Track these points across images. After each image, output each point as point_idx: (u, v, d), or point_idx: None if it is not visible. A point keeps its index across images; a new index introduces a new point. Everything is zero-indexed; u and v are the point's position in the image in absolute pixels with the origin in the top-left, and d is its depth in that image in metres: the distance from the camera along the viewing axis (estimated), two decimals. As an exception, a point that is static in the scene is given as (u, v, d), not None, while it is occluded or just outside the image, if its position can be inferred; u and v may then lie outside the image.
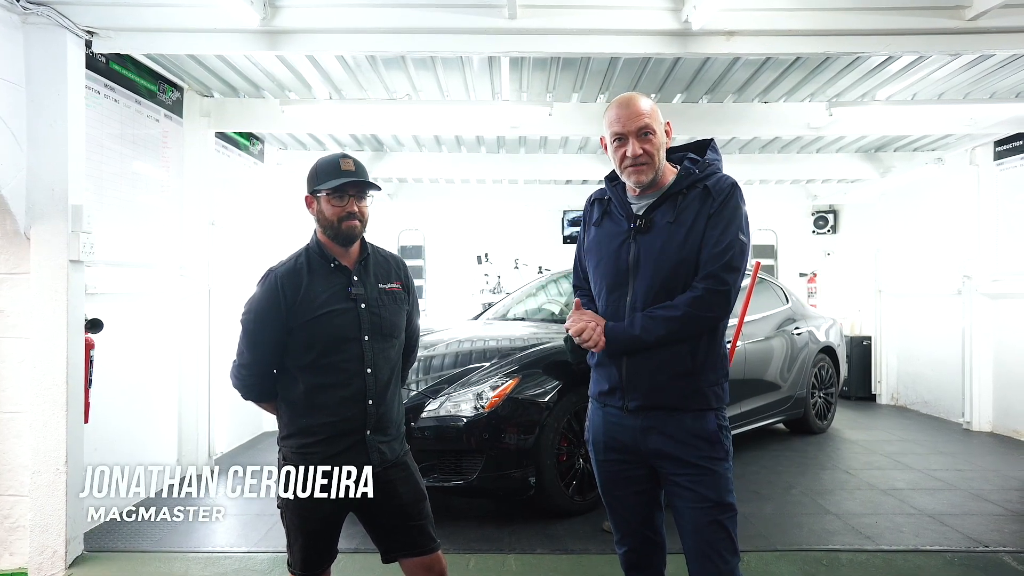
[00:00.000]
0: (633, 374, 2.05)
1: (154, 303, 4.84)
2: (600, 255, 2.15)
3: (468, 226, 10.11)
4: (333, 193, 2.12)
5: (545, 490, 4.04)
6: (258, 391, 2.23)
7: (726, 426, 2.07)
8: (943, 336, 7.62)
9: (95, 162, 4.11)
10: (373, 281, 2.22)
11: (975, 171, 7.00)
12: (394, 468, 2.20)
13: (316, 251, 2.19)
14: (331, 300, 2.12)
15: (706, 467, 2.00)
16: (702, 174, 2.05)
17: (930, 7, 3.61)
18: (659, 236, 2.02)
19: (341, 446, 2.12)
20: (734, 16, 3.62)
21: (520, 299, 6.24)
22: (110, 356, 4.21)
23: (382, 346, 2.18)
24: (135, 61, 4.50)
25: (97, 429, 4.00)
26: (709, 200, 2.00)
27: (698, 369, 2.02)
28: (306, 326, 2.10)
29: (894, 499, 4.64)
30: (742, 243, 1.98)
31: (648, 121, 2.02)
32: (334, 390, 2.12)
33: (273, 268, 2.17)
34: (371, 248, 2.28)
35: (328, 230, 2.16)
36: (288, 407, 2.18)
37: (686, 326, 1.96)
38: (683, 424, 2.02)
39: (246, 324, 2.15)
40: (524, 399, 4.03)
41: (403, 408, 2.33)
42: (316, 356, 2.11)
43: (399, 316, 2.26)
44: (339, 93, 5.27)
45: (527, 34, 3.67)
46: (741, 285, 2.04)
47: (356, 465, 2.12)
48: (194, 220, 5.22)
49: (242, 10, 3.42)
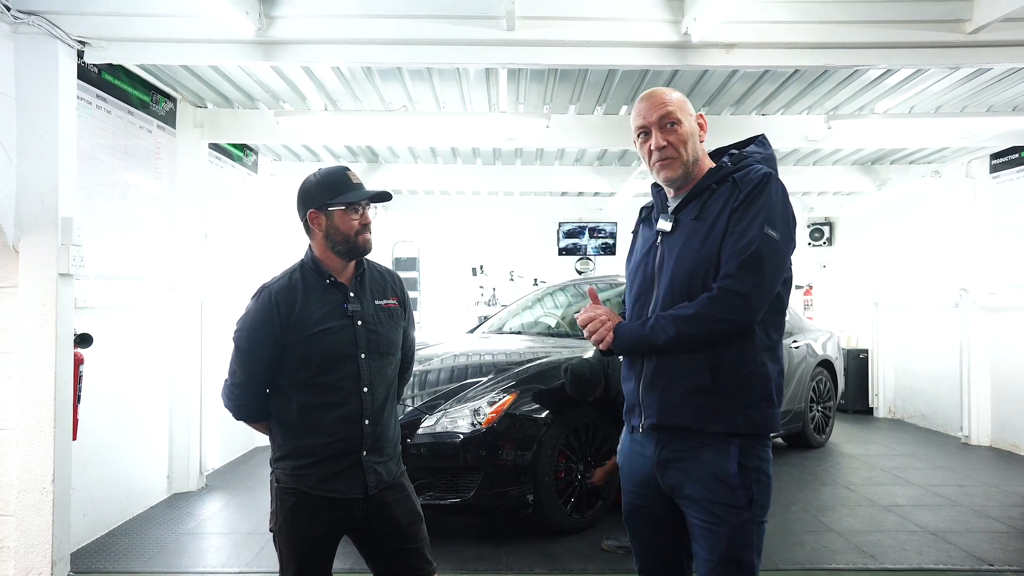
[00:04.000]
0: (648, 387, 1.85)
1: (145, 316, 4.76)
2: (633, 266, 2.01)
3: (463, 238, 10.06)
4: (350, 207, 2.07)
5: (543, 508, 3.97)
6: (251, 411, 2.16)
7: (756, 467, 1.76)
8: (940, 349, 7.60)
9: (86, 173, 4.05)
10: (369, 297, 2.16)
11: (971, 184, 7.00)
12: (390, 489, 2.13)
13: (311, 267, 2.13)
14: (327, 317, 2.06)
15: (719, 516, 1.74)
16: (735, 167, 1.85)
17: (930, 20, 3.60)
18: (681, 235, 1.84)
19: (336, 467, 2.05)
20: (734, 28, 3.60)
21: (516, 312, 6.19)
22: (100, 371, 4.14)
23: (379, 364, 2.12)
24: (128, 71, 4.45)
25: (86, 446, 3.93)
26: (735, 192, 1.78)
27: (721, 386, 1.75)
28: (301, 344, 2.03)
29: (896, 516, 4.59)
30: (769, 239, 1.71)
31: (671, 109, 1.85)
32: (329, 410, 2.05)
33: (267, 284, 2.11)
34: (367, 263, 2.22)
35: (341, 245, 2.09)
36: (281, 428, 2.11)
37: (699, 329, 1.73)
38: (701, 459, 1.77)
39: (239, 342, 2.08)
40: (522, 415, 3.96)
41: (399, 427, 2.27)
42: (311, 375, 2.04)
43: (396, 333, 2.20)
44: (334, 104, 5.23)
45: (525, 46, 3.64)
46: (774, 290, 1.76)
47: (352, 487, 2.05)
48: (187, 232, 5.15)
49: (237, 21, 3.37)
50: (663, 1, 3.57)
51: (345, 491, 2.05)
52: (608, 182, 7.64)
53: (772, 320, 1.81)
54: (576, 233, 10.07)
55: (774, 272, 1.74)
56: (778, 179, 1.79)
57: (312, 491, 2.04)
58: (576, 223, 10.00)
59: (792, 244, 1.80)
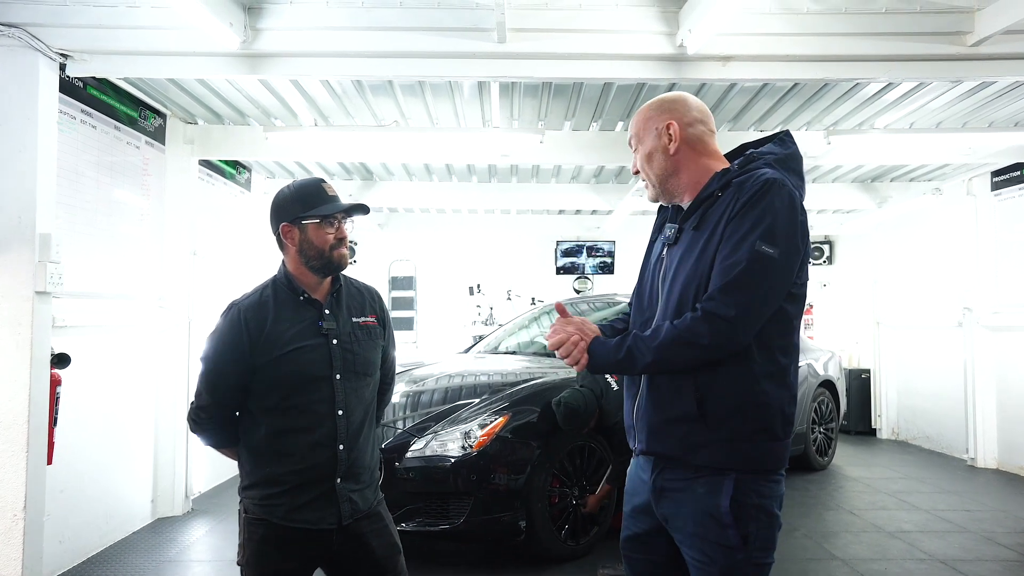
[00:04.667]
0: (640, 409, 1.72)
1: (131, 336, 4.64)
2: (639, 280, 1.87)
3: (460, 256, 9.97)
4: (326, 219, 1.96)
5: (537, 534, 3.83)
6: (218, 436, 2.03)
7: (755, 503, 1.58)
8: (944, 369, 7.47)
9: (70, 190, 3.95)
10: (346, 315, 2.04)
11: (972, 201, 6.92)
12: (366, 519, 2.00)
13: (284, 283, 2.02)
14: (300, 336, 1.94)
15: (708, 555, 1.59)
16: (740, 170, 1.66)
17: (931, 33, 3.52)
18: (682, 246, 1.69)
19: (308, 496, 1.91)
20: (730, 41, 3.52)
21: (512, 331, 6.07)
22: (83, 392, 4.03)
23: (355, 385, 2.00)
24: (115, 87, 4.37)
25: (63, 470, 3.80)
26: (735, 200, 1.59)
27: (708, 414, 1.59)
28: (272, 364, 1.91)
29: (902, 543, 4.43)
30: (762, 256, 1.52)
31: (631, 135, 1.80)
32: (301, 434, 1.92)
33: (236, 301, 1.99)
34: (343, 279, 2.10)
35: (315, 260, 1.98)
36: (250, 454, 1.98)
37: (679, 354, 1.56)
38: (694, 492, 1.62)
39: (206, 363, 1.96)
40: (514, 438, 3.83)
41: (378, 452, 2.14)
42: (282, 397, 1.92)
43: (374, 352, 2.08)
44: (325, 120, 5.16)
45: (517, 58, 3.56)
46: (765, 311, 1.56)
47: (325, 517, 1.92)
48: (175, 250, 5.05)
49: (221, 33, 3.29)
50: (657, 13, 3.50)
51: (317, 521, 1.91)
52: (605, 200, 7.55)
53: (778, 343, 1.61)
54: (574, 252, 9.98)
55: (767, 292, 1.56)
56: (784, 185, 1.59)
57: (282, 522, 1.90)
58: (574, 242, 9.91)
59: (796, 258, 1.58)
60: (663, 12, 3.50)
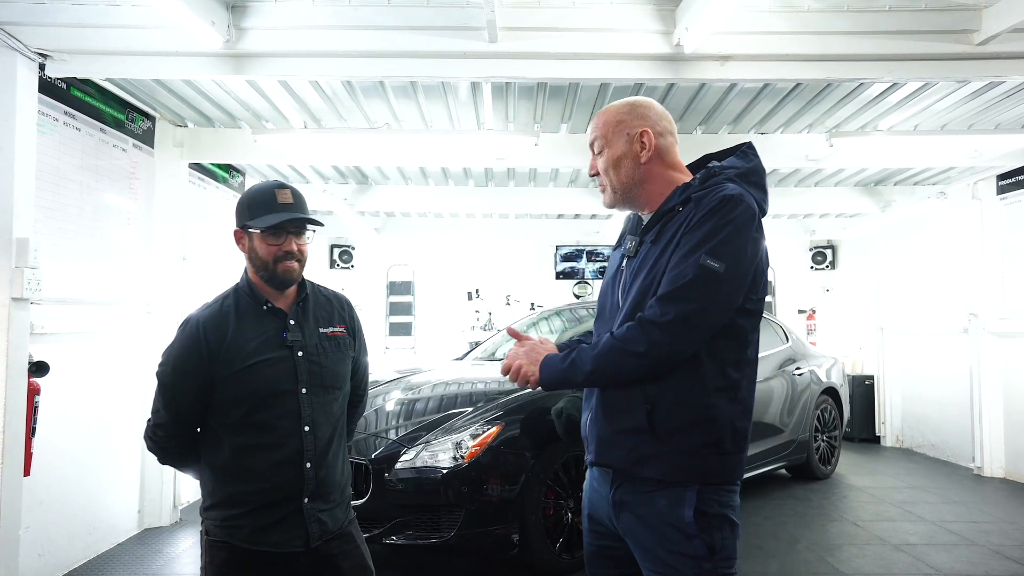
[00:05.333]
0: (592, 420, 1.70)
1: (118, 343, 4.54)
2: (602, 287, 1.83)
3: (458, 261, 9.86)
4: (270, 231, 1.83)
5: (530, 547, 3.71)
6: (176, 454, 1.92)
7: (718, 513, 1.56)
8: (949, 376, 7.33)
9: (52, 194, 3.86)
10: (312, 325, 1.93)
11: (978, 205, 6.79)
12: (336, 540, 1.89)
13: (246, 291, 1.91)
14: (263, 348, 1.83)
15: (673, 566, 1.55)
16: (701, 186, 1.64)
17: (937, 31, 3.42)
18: (637, 261, 1.68)
19: (273, 517, 1.81)
20: (729, 40, 3.42)
21: (509, 337, 5.96)
22: (67, 400, 3.93)
23: (322, 399, 1.89)
24: (101, 88, 4.28)
25: (43, 481, 3.70)
26: (691, 215, 1.58)
27: (657, 427, 1.56)
28: (233, 378, 1.80)
29: (908, 556, 4.31)
30: (707, 270, 1.50)
31: (599, 132, 1.72)
32: (265, 452, 1.81)
33: (193, 314, 1.89)
34: (311, 287, 1.99)
35: (261, 271, 1.87)
36: (212, 473, 1.87)
37: (616, 363, 1.55)
38: (655, 504, 1.58)
39: (162, 377, 1.85)
40: (507, 448, 3.72)
41: (348, 469, 2.02)
42: (244, 413, 1.81)
43: (342, 364, 1.97)
44: (317, 123, 5.06)
45: (509, 58, 3.47)
46: (708, 324, 1.54)
47: (291, 539, 1.81)
48: (164, 255, 4.95)
49: (203, 32, 3.20)
50: (653, 11, 3.40)
51: (283, 544, 1.81)
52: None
53: (730, 356, 1.59)
54: (573, 257, 9.87)
55: (708, 306, 1.53)
56: (742, 200, 1.57)
57: (245, 544, 1.80)
58: (573, 246, 9.81)
59: (746, 273, 1.56)
60: (659, 10, 3.40)
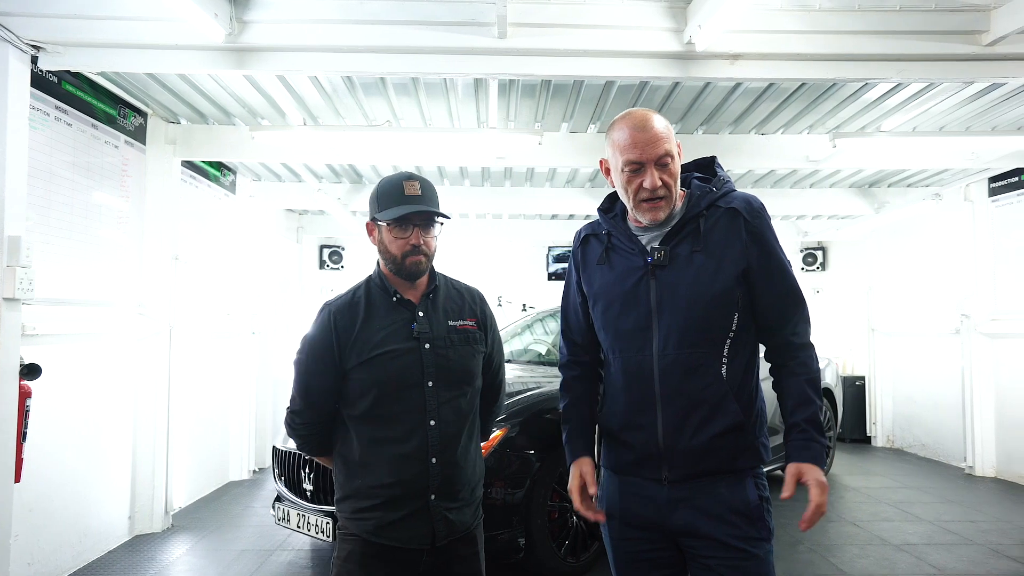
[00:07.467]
0: (676, 437, 1.67)
1: (109, 344, 4.42)
2: (611, 297, 1.77)
3: (449, 262, 9.69)
4: (395, 224, 1.80)
5: (535, 552, 3.67)
6: (313, 443, 1.92)
7: (767, 497, 1.70)
8: (940, 377, 7.39)
9: (42, 191, 3.74)
10: (441, 317, 1.89)
11: (970, 207, 6.85)
12: (461, 542, 1.85)
13: (378, 282, 1.89)
14: (390, 339, 1.80)
15: (745, 550, 1.63)
16: (719, 192, 1.75)
17: (945, 31, 3.41)
18: (686, 269, 1.69)
19: (400, 512, 1.77)
20: (740, 38, 3.38)
21: (505, 339, 5.90)
22: (56, 404, 3.81)
23: (449, 394, 1.83)
24: (92, 83, 4.16)
25: (33, 487, 3.60)
26: (739, 222, 1.71)
27: (747, 418, 1.68)
28: (360, 368, 1.78)
29: (910, 556, 4.31)
30: (796, 282, 1.79)
31: (669, 147, 1.67)
32: (391, 445, 1.78)
33: (329, 302, 1.89)
34: (441, 279, 1.96)
35: (390, 264, 1.86)
36: (343, 464, 1.86)
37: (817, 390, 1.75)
38: (717, 495, 1.66)
39: (298, 366, 1.85)
40: (512, 451, 3.67)
41: (481, 468, 1.95)
42: (371, 405, 1.79)
43: (471, 359, 1.90)
44: (315, 120, 4.97)
45: (518, 55, 3.40)
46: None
47: (417, 535, 1.78)
48: (155, 254, 4.84)
49: (206, 24, 3.11)
50: (665, 8, 3.36)
51: (408, 540, 1.78)
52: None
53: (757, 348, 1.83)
54: (567, 258, 9.82)
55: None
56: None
57: (371, 538, 1.77)
58: (567, 247, 9.76)
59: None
60: (671, 7, 3.36)
